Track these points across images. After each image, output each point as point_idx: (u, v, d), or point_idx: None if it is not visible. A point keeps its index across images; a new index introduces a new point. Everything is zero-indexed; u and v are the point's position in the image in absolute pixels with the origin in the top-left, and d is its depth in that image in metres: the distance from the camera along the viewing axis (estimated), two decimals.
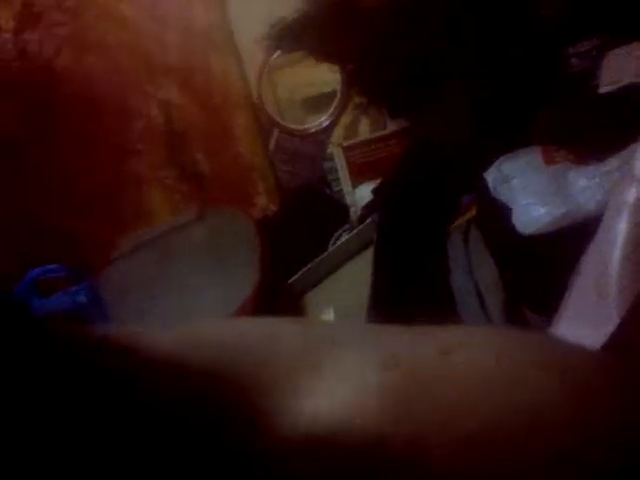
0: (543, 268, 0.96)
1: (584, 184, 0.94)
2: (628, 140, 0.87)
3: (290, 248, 1.39)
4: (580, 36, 0.95)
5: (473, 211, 1.15)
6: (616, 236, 0.83)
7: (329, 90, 1.42)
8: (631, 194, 0.83)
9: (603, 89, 0.92)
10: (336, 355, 0.25)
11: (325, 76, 1.40)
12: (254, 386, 0.25)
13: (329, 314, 1.29)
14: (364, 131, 1.45)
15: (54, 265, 1.25)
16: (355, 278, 1.30)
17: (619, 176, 0.89)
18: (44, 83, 1.48)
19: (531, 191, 0.97)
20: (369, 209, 1.33)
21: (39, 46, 1.48)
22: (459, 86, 1.14)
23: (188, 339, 0.27)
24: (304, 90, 1.47)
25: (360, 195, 1.41)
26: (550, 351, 0.25)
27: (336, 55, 1.31)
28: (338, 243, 1.36)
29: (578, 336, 0.79)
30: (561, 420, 0.23)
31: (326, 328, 0.28)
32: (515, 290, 1.00)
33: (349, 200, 1.43)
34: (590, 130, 0.94)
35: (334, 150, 1.43)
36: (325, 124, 1.42)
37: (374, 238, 1.26)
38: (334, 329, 0.28)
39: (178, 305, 1.37)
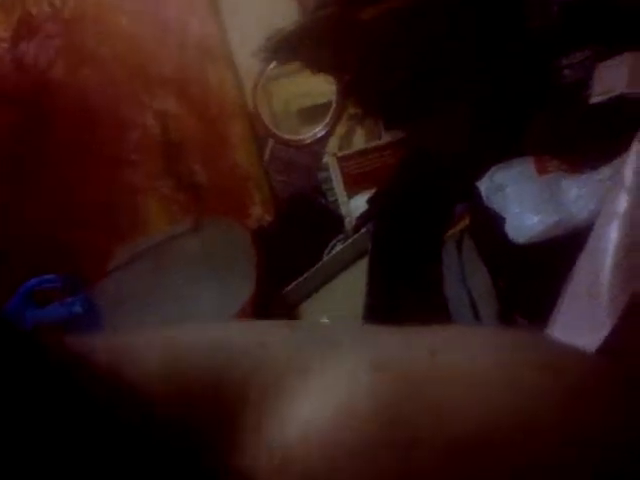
0: (536, 276, 0.96)
1: (576, 193, 0.95)
2: (619, 150, 0.88)
3: (285, 258, 1.40)
4: (572, 47, 0.96)
5: (467, 220, 1.15)
6: (607, 244, 0.84)
7: (324, 101, 1.43)
8: (622, 203, 0.84)
9: (595, 99, 0.93)
10: (326, 357, 0.25)
11: (320, 87, 1.41)
12: (241, 400, 0.25)
13: None
14: (359, 142, 1.46)
15: (50, 275, 1.26)
16: (350, 288, 1.31)
17: (610, 185, 0.90)
18: (40, 94, 1.49)
19: (524, 200, 0.98)
20: (364, 219, 1.34)
21: (35, 57, 1.49)
22: (454, 97, 1.15)
23: (173, 353, 0.26)
24: (299, 101, 1.48)
25: (355, 205, 1.42)
26: (545, 351, 0.25)
27: (332, 66, 1.32)
28: (333, 253, 1.37)
29: (571, 342, 0.79)
30: (556, 421, 0.23)
31: (316, 330, 0.28)
32: (508, 298, 1.01)
33: (344, 210, 1.44)
34: (582, 140, 0.95)
35: (329, 160, 1.44)
36: (320, 134, 1.43)
37: (369, 248, 1.27)
38: (324, 331, 0.28)
39: (174, 315, 1.38)
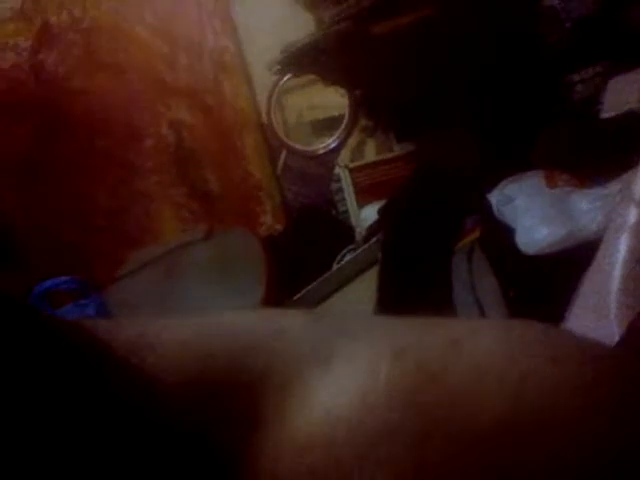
0: (545, 287, 0.97)
1: (586, 207, 0.96)
2: (629, 164, 0.89)
3: (295, 266, 1.41)
4: (584, 63, 0.97)
5: (477, 232, 1.17)
6: (616, 256, 0.86)
7: (337, 113, 1.45)
8: (631, 216, 0.85)
9: (605, 114, 0.94)
10: (346, 347, 0.25)
11: (333, 99, 1.43)
12: (263, 385, 0.25)
13: None
14: (370, 154, 1.48)
15: (65, 277, 1.27)
16: (360, 297, 1.32)
17: (620, 199, 0.92)
18: (58, 102, 1.51)
19: (534, 212, 0.99)
20: (374, 229, 1.35)
21: (54, 66, 1.52)
22: (465, 111, 1.17)
23: (193, 340, 0.26)
24: (312, 112, 1.50)
25: (365, 216, 1.44)
26: (565, 345, 0.25)
27: (345, 79, 1.34)
28: (343, 262, 1.38)
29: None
30: (572, 414, 0.23)
31: (336, 320, 0.27)
32: (517, 308, 1.02)
33: (354, 221, 1.46)
34: (592, 154, 0.96)
35: (341, 171, 1.46)
36: (332, 146, 1.45)
37: (379, 257, 1.28)
38: (344, 321, 0.27)
39: None
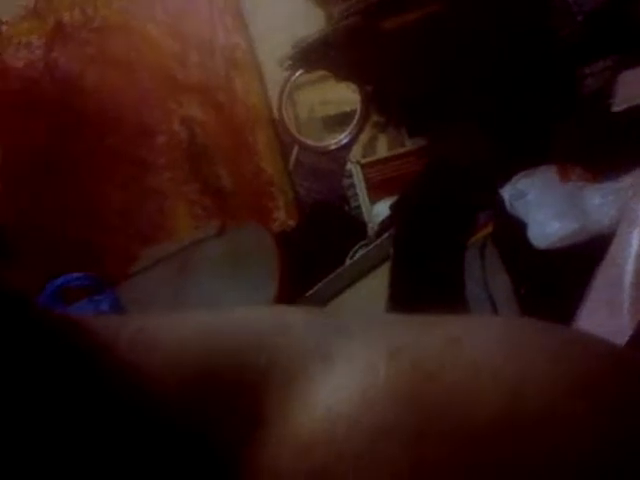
0: (557, 282, 0.97)
1: (599, 201, 0.96)
2: None
3: (308, 262, 1.41)
4: (596, 56, 0.97)
5: (490, 228, 1.17)
6: (629, 250, 0.86)
7: (349, 109, 1.45)
8: None
9: (617, 107, 0.94)
10: (346, 346, 0.25)
11: (345, 95, 1.44)
12: (265, 382, 0.25)
13: None
14: (382, 149, 1.48)
15: (79, 274, 1.28)
16: (372, 292, 1.32)
17: (633, 193, 0.92)
18: (70, 100, 1.52)
19: (546, 207, 0.99)
20: (387, 224, 1.35)
21: (67, 64, 1.53)
22: (476, 106, 1.17)
23: (197, 339, 0.26)
24: (324, 108, 1.50)
25: (377, 211, 1.44)
26: (565, 343, 0.25)
27: (356, 75, 1.34)
28: (355, 258, 1.38)
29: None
30: (574, 414, 0.23)
31: (335, 319, 0.28)
32: (529, 303, 1.02)
33: (367, 216, 1.46)
34: (605, 147, 0.96)
35: (353, 167, 1.46)
36: (344, 142, 1.45)
37: (391, 253, 1.28)
38: (342, 320, 0.27)
39: None
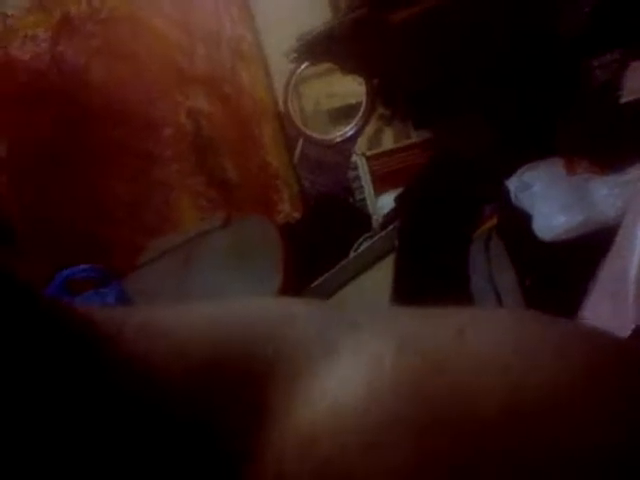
0: (563, 274, 0.98)
1: (605, 193, 0.96)
2: None
3: (313, 254, 1.42)
4: (603, 48, 0.97)
5: (495, 220, 1.17)
6: (635, 243, 0.86)
7: (354, 101, 1.45)
8: None
9: (625, 99, 0.94)
10: (352, 338, 0.25)
11: (350, 88, 1.44)
12: (270, 373, 0.25)
13: None
14: (387, 142, 1.48)
15: (85, 265, 1.29)
16: (376, 284, 1.32)
17: (639, 185, 0.92)
18: (77, 92, 1.53)
19: (552, 199, 0.99)
20: (391, 216, 1.35)
21: (74, 57, 1.53)
22: (483, 98, 1.17)
23: (203, 329, 0.26)
24: (329, 101, 1.50)
25: (382, 203, 1.44)
26: (570, 336, 0.25)
27: (362, 67, 1.34)
28: (360, 250, 1.38)
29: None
30: (577, 406, 0.23)
31: (344, 312, 0.28)
32: (534, 295, 1.02)
33: (371, 208, 1.46)
34: (612, 139, 0.96)
35: (358, 159, 1.46)
36: (349, 134, 1.45)
37: (396, 245, 1.29)
38: (348, 312, 0.27)
39: None
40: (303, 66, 1.42)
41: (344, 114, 1.48)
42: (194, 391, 0.25)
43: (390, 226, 1.35)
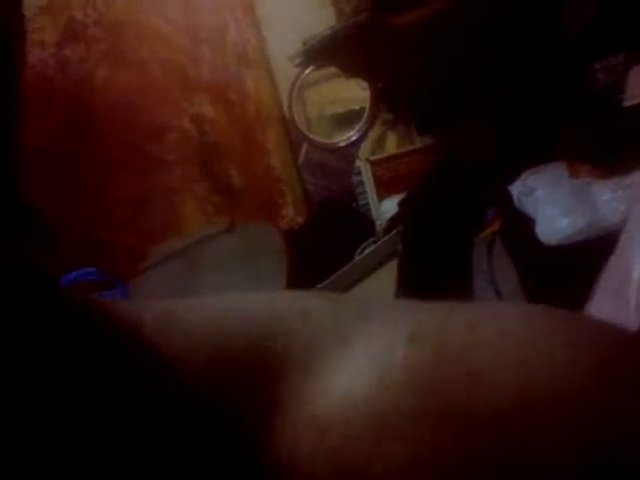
0: (565, 277, 0.98)
1: (608, 197, 0.96)
2: None
3: (316, 259, 1.42)
4: (607, 51, 0.97)
5: (498, 224, 1.17)
6: (638, 246, 0.86)
7: (358, 107, 1.45)
8: None
9: (628, 103, 0.94)
10: (364, 330, 0.25)
11: (355, 92, 1.44)
12: (282, 366, 0.25)
13: None
14: (391, 146, 1.48)
15: (90, 269, 1.29)
16: (380, 289, 1.32)
17: None
18: (82, 97, 1.53)
19: (555, 203, 1.00)
20: (395, 221, 1.36)
21: (79, 61, 1.54)
22: (486, 103, 1.17)
23: (217, 323, 0.26)
24: (334, 105, 1.51)
25: (386, 208, 1.44)
26: (583, 329, 0.25)
27: (366, 72, 1.34)
28: (363, 254, 1.38)
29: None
30: (590, 397, 0.23)
31: (356, 304, 0.28)
32: (537, 299, 1.02)
33: (375, 213, 1.46)
34: (615, 143, 0.96)
35: (361, 164, 1.46)
36: (353, 139, 1.45)
37: (399, 249, 1.29)
38: (362, 304, 0.28)
39: None
40: (307, 71, 1.42)
41: (348, 119, 1.48)
42: (207, 384, 0.25)
43: (393, 231, 1.35)
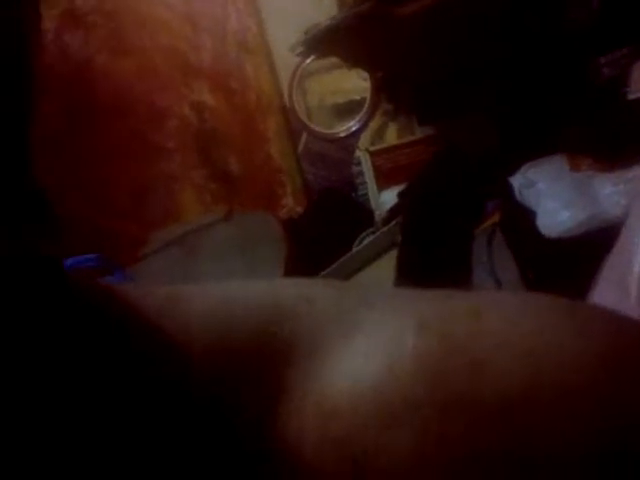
0: (566, 270, 0.98)
1: (609, 190, 0.96)
2: None
3: (315, 249, 1.42)
4: (611, 45, 0.97)
5: (497, 216, 1.17)
6: (638, 240, 0.86)
7: (358, 97, 1.45)
8: None
9: (632, 96, 0.94)
10: (371, 317, 0.25)
11: (355, 83, 1.44)
12: (288, 353, 0.25)
13: None
14: (391, 137, 1.48)
15: (89, 255, 1.29)
16: (379, 279, 1.33)
17: None
18: (82, 83, 1.53)
19: (556, 196, 1.00)
20: (394, 212, 1.36)
21: (78, 48, 1.53)
22: (487, 94, 1.17)
23: (222, 309, 0.26)
24: (334, 96, 1.50)
25: (385, 199, 1.44)
26: (589, 318, 0.25)
27: (367, 62, 1.34)
28: (362, 244, 1.38)
29: None
30: (597, 386, 0.23)
31: (360, 292, 0.28)
32: (536, 291, 1.02)
33: (374, 204, 1.46)
34: (618, 136, 0.96)
35: (361, 155, 1.46)
36: (353, 129, 1.45)
37: (398, 240, 1.29)
38: (368, 293, 0.27)
39: None
40: (308, 60, 1.42)
41: (348, 109, 1.48)
42: (212, 369, 0.25)
43: (393, 222, 1.35)
